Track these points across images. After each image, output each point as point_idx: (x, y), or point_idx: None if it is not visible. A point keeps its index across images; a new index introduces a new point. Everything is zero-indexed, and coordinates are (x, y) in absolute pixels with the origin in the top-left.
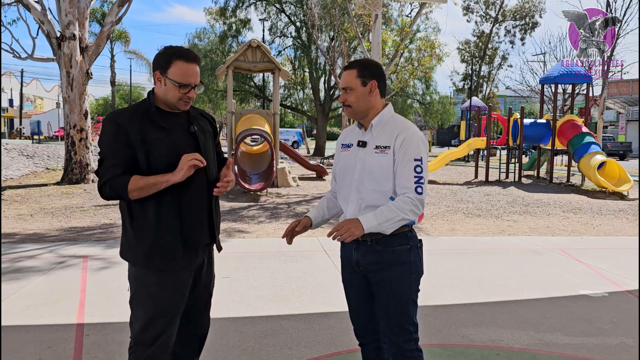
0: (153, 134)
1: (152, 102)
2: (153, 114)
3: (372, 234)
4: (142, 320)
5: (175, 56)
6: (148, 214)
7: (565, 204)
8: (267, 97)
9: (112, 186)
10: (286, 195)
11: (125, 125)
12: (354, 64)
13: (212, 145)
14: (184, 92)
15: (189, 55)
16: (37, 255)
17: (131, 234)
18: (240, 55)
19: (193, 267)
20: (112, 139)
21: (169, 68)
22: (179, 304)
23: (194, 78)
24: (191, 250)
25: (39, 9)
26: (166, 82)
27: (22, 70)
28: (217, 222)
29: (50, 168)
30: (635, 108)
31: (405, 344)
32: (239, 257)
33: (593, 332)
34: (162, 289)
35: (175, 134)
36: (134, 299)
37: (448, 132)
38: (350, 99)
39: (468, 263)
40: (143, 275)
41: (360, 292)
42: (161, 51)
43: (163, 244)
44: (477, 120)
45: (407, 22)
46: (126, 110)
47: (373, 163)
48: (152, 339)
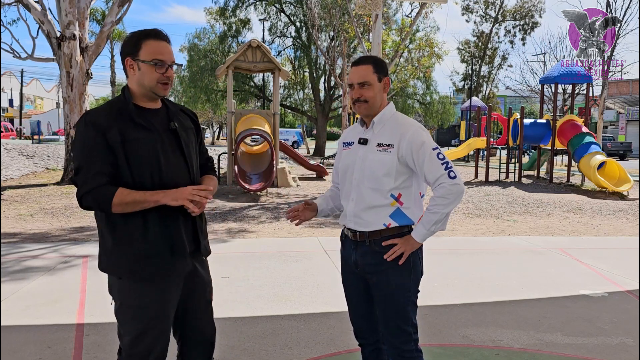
0: (132, 134)
1: (128, 98)
2: (131, 112)
3: (369, 234)
4: (131, 335)
5: (143, 36)
6: (131, 222)
7: (565, 204)
8: (267, 97)
9: (95, 197)
10: (286, 195)
11: (103, 127)
12: (367, 59)
13: (194, 143)
14: (161, 71)
15: (159, 34)
16: (38, 255)
17: (111, 243)
18: (240, 55)
19: (182, 275)
20: (90, 143)
21: (140, 50)
22: (168, 316)
23: (169, 55)
24: (179, 257)
25: (39, 9)
26: (140, 66)
27: (22, 70)
28: (201, 226)
29: (50, 168)
30: (635, 108)
31: (404, 345)
32: (239, 257)
33: (593, 332)
34: (148, 301)
35: (155, 132)
36: (119, 312)
37: (448, 132)
38: (368, 94)
39: (468, 263)
40: (127, 287)
41: (359, 293)
42: (127, 37)
43: (150, 252)
44: (477, 120)
45: (408, 22)
46: (100, 109)
47: (374, 160)
48: (142, 354)
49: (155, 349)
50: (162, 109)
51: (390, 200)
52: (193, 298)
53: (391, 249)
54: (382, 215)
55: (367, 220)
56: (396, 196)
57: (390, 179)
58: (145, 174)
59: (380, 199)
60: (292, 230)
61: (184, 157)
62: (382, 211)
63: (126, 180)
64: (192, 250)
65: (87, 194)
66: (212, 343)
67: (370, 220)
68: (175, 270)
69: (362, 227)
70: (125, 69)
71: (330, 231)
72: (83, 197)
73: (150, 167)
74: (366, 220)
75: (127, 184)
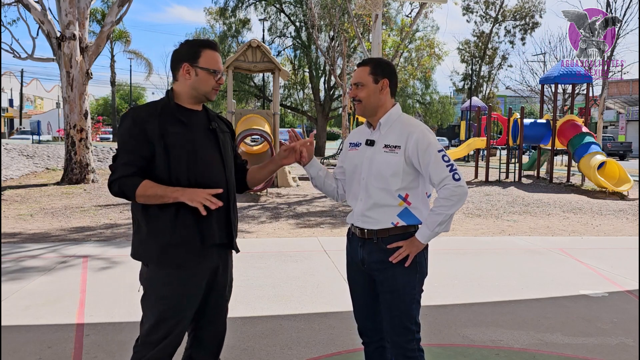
0: (172, 128)
1: (171, 98)
2: (173, 109)
3: (377, 232)
4: (151, 322)
5: (203, 46)
6: (165, 212)
7: (565, 204)
8: (267, 97)
9: (120, 186)
10: (286, 195)
11: (143, 120)
12: (367, 61)
13: (230, 145)
14: (216, 78)
15: (215, 45)
16: (38, 255)
17: (145, 231)
18: (240, 55)
19: (207, 269)
20: (127, 134)
21: (199, 57)
22: (190, 306)
23: (221, 65)
24: (207, 248)
25: (39, 9)
26: (197, 72)
27: (22, 70)
28: (234, 222)
29: (50, 168)
30: (635, 108)
31: (407, 344)
32: (239, 257)
33: (593, 332)
34: (173, 290)
35: (194, 130)
36: (144, 299)
37: (448, 132)
38: (361, 95)
39: (468, 263)
40: (155, 274)
41: (365, 291)
42: (184, 44)
43: (179, 240)
44: (477, 120)
45: (408, 22)
46: (144, 105)
47: (381, 162)
48: (158, 341)
49: (170, 338)
50: (202, 111)
51: (398, 200)
52: (213, 295)
53: (396, 251)
54: (390, 214)
55: (375, 218)
56: (403, 196)
57: (398, 179)
58: (181, 167)
59: (389, 198)
60: (292, 230)
61: (221, 156)
62: (390, 210)
63: (161, 175)
64: (223, 245)
65: (114, 182)
66: (221, 340)
67: (379, 218)
68: (201, 260)
69: (370, 225)
70: (176, 72)
71: (330, 231)
72: (111, 184)
73: (187, 160)
74: (374, 219)
75: (162, 178)
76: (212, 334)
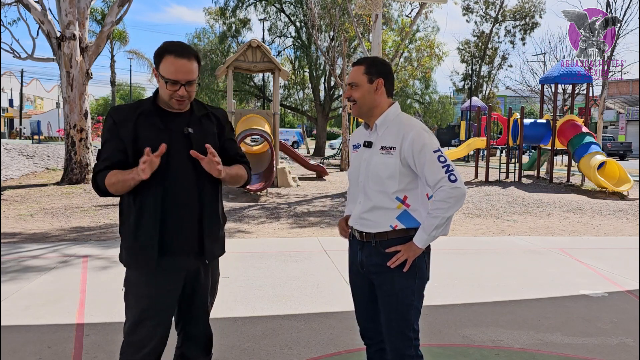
0: (145, 133)
1: (152, 100)
2: (149, 112)
3: (375, 235)
4: (131, 321)
5: (166, 51)
6: (131, 215)
7: (565, 204)
8: (267, 97)
9: (95, 181)
10: (286, 195)
11: (119, 121)
12: (362, 60)
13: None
14: (173, 89)
15: (179, 50)
16: (38, 255)
17: (120, 232)
18: (240, 55)
19: (181, 272)
20: (106, 132)
21: (160, 63)
22: (167, 307)
23: (184, 74)
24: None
25: (39, 9)
26: (159, 79)
27: (22, 70)
28: (210, 229)
29: (50, 168)
30: (635, 108)
31: (406, 350)
32: (239, 257)
33: (593, 332)
34: (148, 291)
35: (168, 135)
36: (124, 298)
37: (448, 132)
38: (355, 95)
39: (468, 263)
40: (129, 275)
41: (365, 293)
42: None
43: (139, 247)
44: (477, 120)
45: (407, 22)
46: (125, 106)
47: (378, 163)
48: (140, 342)
49: (150, 341)
50: (185, 113)
51: (396, 203)
52: (196, 296)
53: (395, 255)
54: (388, 217)
55: (373, 221)
56: (402, 198)
57: (394, 182)
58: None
59: (386, 201)
60: (292, 230)
61: (192, 162)
62: (388, 213)
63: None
64: (195, 252)
65: (93, 178)
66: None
67: (377, 221)
68: (168, 266)
69: (368, 228)
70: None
71: (330, 231)
72: (92, 181)
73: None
74: (373, 222)
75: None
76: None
